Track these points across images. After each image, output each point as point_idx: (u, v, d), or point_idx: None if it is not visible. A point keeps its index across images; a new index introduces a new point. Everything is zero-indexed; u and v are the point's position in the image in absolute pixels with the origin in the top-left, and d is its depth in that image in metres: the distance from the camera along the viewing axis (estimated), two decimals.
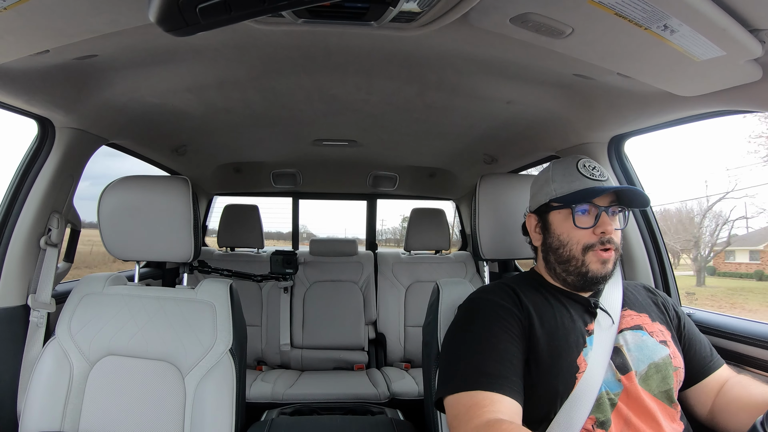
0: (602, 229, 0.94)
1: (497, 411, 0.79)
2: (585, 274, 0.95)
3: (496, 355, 0.87)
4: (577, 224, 0.95)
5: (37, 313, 1.30)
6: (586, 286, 0.98)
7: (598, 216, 0.95)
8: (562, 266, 0.98)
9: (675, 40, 0.81)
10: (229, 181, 2.73)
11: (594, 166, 1.00)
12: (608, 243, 0.94)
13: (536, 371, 0.88)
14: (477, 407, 0.80)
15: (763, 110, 1.01)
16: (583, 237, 0.95)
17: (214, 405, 1.13)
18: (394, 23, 0.93)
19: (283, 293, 2.56)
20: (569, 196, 0.97)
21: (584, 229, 0.95)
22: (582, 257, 0.95)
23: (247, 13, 0.58)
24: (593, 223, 0.95)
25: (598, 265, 0.94)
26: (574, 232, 0.96)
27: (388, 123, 1.78)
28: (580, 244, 0.95)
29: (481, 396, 0.82)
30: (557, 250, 0.98)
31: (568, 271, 0.97)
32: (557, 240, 0.98)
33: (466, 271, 2.69)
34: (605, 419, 0.85)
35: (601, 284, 0.97)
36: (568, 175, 0.99)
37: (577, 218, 0.95)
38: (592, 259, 0.94)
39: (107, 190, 1.29)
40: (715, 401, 0.97)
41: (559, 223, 0.99)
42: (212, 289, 1.26)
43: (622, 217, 0.99)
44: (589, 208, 0.96)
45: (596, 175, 0.98)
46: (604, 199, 0.96)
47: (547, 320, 0.93)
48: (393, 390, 2.10)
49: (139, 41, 1.04)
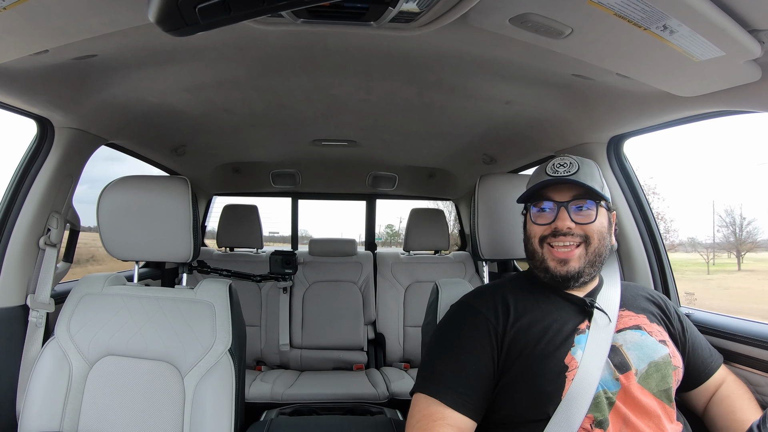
0: (555, 225, 0.96)
1: (446, 426, 0.85)
2: (547, 269, 0.97)
3: (460, 369, 0.91)
4: (534, 221, 1.00)
5: (36, 313, 1.30)
6: (557, 284, 0.98)
7: (557, 212, 0.96)
8: (531, 263, 1.02)
9: (674, 41, 0.81)
10: (228, 181, 2.73)
11: (563, 163, 1.00)
12: (562, 236, 0.95)
13: (522, 374, 0.89)
14: (428, 419, 0.87)
15: (763, 110, 1.01)
16: (539, 231, 0.99)
17: (214, 405, 1.13)
18: (394, 23, 0.93)
19: (282, 293, 2.55)
20: (525, 194, 1.02)
21: (542, 225, 0.98)
22: (540, 250, 0.98)
23: (247, 13, 0.58)
24: (553, 219, 0.97)
25: (555, 263, 0.96)
26: (532, 227, 1.00)
27: (388, 123, 1.78)
28: (536, 238, 0.99)
29: (434, 408, 0.88)
30: (526, 246, 1.04)
31: (537, 267, 1.00)
32: (525, 236, 1.04)
33: (465, 272, 2.69)
34: (603, 418, 0.85)
35: (572, 282, 0.96)
36: (537, 176, 1.03)
37: (533, 215, 1.00)
38: (549, 255, 0.97)
39: (107, 190, 1.29)
40: (707, 407, 1.03)
41: (528, 220, 1.03)
42: (211, 289, 1.26)
43: (593, 211, 0.96)
44: (547, 205, 0.98)
45: (560, 172, 0.98)
46: (566, 195, 0.97)
47: (533, 322, 0.94)
48: (392, 390, 2.10)
49: (139, 41, 1.04)
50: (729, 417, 0.97)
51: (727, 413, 0.98)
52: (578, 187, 0.96)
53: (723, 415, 0.98)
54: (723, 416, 0.98)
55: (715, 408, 1.01)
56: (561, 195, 0.97)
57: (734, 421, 0.96)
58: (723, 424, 0.98)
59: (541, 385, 0.87)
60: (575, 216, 0.96)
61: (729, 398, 1.00)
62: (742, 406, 0.98)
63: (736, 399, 1.00)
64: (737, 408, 0.98)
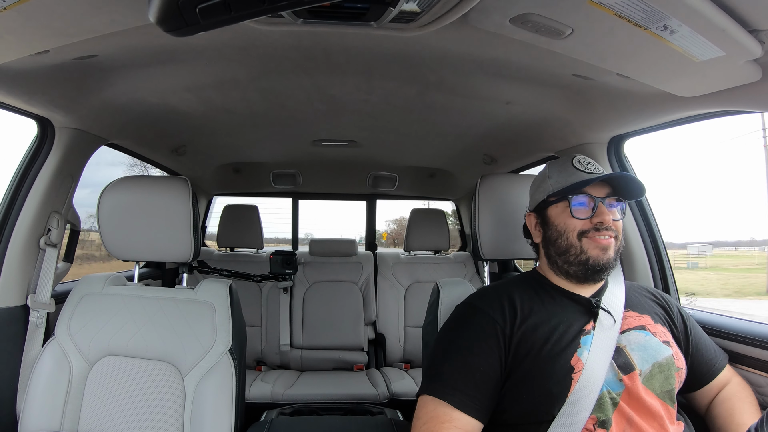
0: (599, 219, 0.96)
1: (454, 428, 0.85)
2: (586, 261, 0.96)
3: (467, 371, 0.90)
4: (574, 215, 0.98)
5: (37, 313, 1.30)
6: (588, 276, 0.98)
7: (596, 207, 0.97)
8: (562, 257, 0.99)
9: (675, 41, 0.81)
10: (228, 182, 2.73)
11: (589, 161, 1.03)
12: (605, 230, 0.95)
13: (529, 375, 0.89)
14: (435, 421, 0.86)
15: (763, 111, 1.01)
16: (579, 225, 0.97)
17: (214, 405, 1.13)
18: (394, 24, 0.93)
19: (282, 293, 2.55)
20: (565, 188, 0.99)
21: (581, 219, 0.97)
22: (579, 244, 0.97)
23: (247, 13, 0.58)
24: (590, 213, 0.97)
25: (598, 251, 0.95)
26: (570, 221, 0.98)
27: (388, 123, 1.78)
28: (576, 231, 0.97)
29: (442, 410, 0.87)
30: (556, 241, 1.00)
31: (569, 262, 0.98)
32: (555, 231, 1.00)
33: (466, 272, 2.69)
34: (606, 419, 0.85)
35: (604, 273, 0.97)
36: (564, 171, 1.02)
37: (574, 209, 0.98)
38: (590, 245, 0.96)
39: (107, 190, 1.29)
40: (709, 408, 1.03)
41: (556, 215, 1.01)
42: (212, 289, 1.26)
43: (620, 210, 1.01)
44: (586, 200, 0.98)
45: (591, 169, 1.00)
46: (601, 191, 0.98)
47: (540, 323, 0.93)
48: (392, 390, 2.10)
49: (139, 41, 1.04)
50: (727, 419, 0.97)
51: (727, 415, 0.98)
52: (608, 186, 0.99)
53: (722, 416, 0.99)
54: (722, 417, 0.98)
55: (716, 409, 1.01)
56: (596, 191, 0.98)
57: (731, 423, 0.96)
58: (721, 424, 0.98)
59: (548, 386, 0.87)
60: (609, 212, 0.97)
61: (730, 400, 1.00)
62: (742, 409, 0.98)
63: (736, 401, 1.00)
64: (737, 411, 0.98)
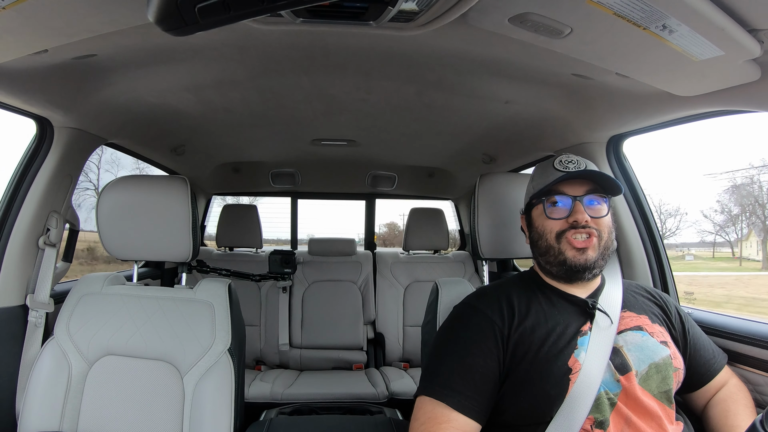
0: (574, 218, 0.95)
1: (452, 429, 0.85)
2: (564, 262, 0.96)
3: (465, 371, 0.90)
4: (548, 215, 0.98)
5: (36, 313, 1.30)
6: (571, 277, 0.98)
7: (572, 206, 0.96)
8: (544, 258, 1.00)
9: (674, 40, 0.81)
10: (227, 181, 2.73)
11: (570, 159, 1.01)
12: (582, 229, 0.95)
13: (526, 376, 0.89)
14: (433, 422, 0.86)
15: (762, 110, 1.01)
16: (555, 225, 0.98)
17: (213, 405, 1.13)
18: (393, 23, 0.93)
19: (281, 293, 2.55)
20: (541, 190, 1.00)
21: (557, 220, 0.97)
22: (558, 245, 0.97)
23: (246, 12, 0.58)
24: (567, 213, 0.97)
25: (573, 252, 0.95)
26: (547, 223, 0.99)
27: (387, 123, 1.78)
28: (553, 233, 0.98)
29: (439, 411, 0.87)
30: (537, 242, 1.01)
31: (550, 263, 0.99)
32: (536, 233, 1.02)
33: (465, 271, 2.69)
34: (604, 419, 0.85)
35: (586, 273, 0.97)
36: (545, 172, 1.03)
37: (549, 210, 0.99)
38: (567, 246, 0.96)
39: (106, 189, 1.29)
40: (705, 408, 1.03)
41: (537, 217, 1.02)
42: (211, 288, 1.26)
43: (606, 205, 0.99)
44: (561, 199, 0.98)
45: (570, 168, 0.99)
46: (579, 189, 0.98)
47: (537, 324, 0.93)
48: (392, 390, 2.10)
49: (138, 41, 1.04)
50: (721, 420, 0.97)
51: (721, 416, 0.98)
52: (589, 182, 0.98)
53: (716, 418, 0.99)
54: (716, 419, 0.98)
55: (711, 410, 1.01)
56: (574, 189, 0.98)
57: (725, 425, 0.96)
58: (715, 426, 0.98)
59: (546, 387, 0.87)
60: (588, 210, 0.96)
61: (725, 402, 1.00)
62: (736, 411, 0.98)
63: (731, 403, 1.00)
64: (731, 413, 0.98)
